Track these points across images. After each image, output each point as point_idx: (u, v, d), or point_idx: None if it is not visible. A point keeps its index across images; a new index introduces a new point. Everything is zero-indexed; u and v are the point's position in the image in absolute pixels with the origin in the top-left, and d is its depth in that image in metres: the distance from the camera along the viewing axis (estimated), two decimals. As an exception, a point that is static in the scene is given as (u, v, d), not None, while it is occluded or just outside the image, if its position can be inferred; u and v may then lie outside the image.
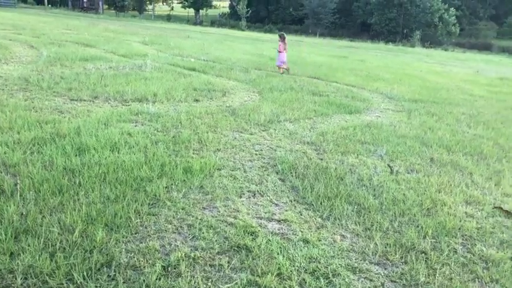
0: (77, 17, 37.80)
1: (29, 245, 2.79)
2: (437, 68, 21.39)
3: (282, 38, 13.10)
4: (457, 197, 4.42)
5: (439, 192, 4.48)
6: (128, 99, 7.33)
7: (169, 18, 58.71)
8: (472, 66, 24.36)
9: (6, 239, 2.83)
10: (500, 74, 20.56)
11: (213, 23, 59.43)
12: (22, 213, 3.20)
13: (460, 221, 3.85)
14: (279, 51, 12.93)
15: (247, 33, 42.76)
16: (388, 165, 5.16)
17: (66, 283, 2.50)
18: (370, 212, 3.85)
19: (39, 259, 2.64)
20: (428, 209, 4.05)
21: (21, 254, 2.69)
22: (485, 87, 14.39)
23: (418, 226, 3.67)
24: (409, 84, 12.78)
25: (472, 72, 20.67)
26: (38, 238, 2.88)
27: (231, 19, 61.53)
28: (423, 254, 3.24)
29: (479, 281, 2.97)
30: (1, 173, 3.87)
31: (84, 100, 7.07)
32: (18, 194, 3.48)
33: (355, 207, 3.92)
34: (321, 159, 5.17)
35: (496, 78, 17.99)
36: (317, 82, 11.61)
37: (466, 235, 3.63)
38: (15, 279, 2.49)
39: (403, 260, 3.14)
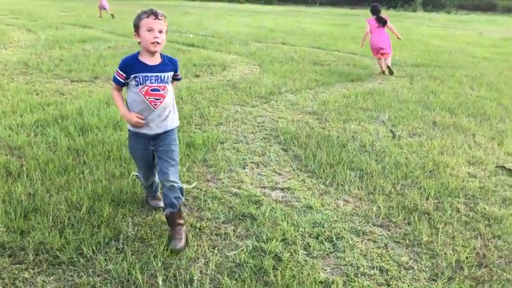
0: (73, -2, 37.27)
1: (38, 223, 2.85)
2: (439, 31, 21.08)
3: None
4: (460, 158, 4.43)
5: (442, 154, 4.50)
6: (128, 78, 7.31)
7: (166, -5, 57.77)
8: (476, 28, 23.96)
9: (16, 218, 2.89)
10: (504, 34, 20.24)
11: (211, -3, 58.45)
12: (30, 193, 3.26)
13: (463, 181, 3.88)
14: None
15: (247, 6, 42.13)
16: (391, 130, 5.16)
17: (77, 257, 2.56)
18: (372, 176, 3.88)
19: (49, 236, 2.70)
20: (431, 171, 4.07)
21: (32, 232, 2.75)
22: (489, 49, 14.19)
23: (420, 188, 3.70)
24: (411, 49, 12.63)
25: (475, 34, 20.35)
26: (47, 216, 2.94)
27: (230, -8, 60.51)
28: (426, 215, 3.28)
29: (481, 238, 3.01)
30: (7, 155, 3.92)
31: (85, 81, 7.08)
32: (25, 174, 3.53)
33: (358, 172, 3.95)
34: (323, 128, 5.18)
35: (499, 39, 17.73)
36: (318, 52, 11.51)
37: (468, 194, 3.65)
38: (27, 255, 2.55)
39: (406, 221, 3.18)
